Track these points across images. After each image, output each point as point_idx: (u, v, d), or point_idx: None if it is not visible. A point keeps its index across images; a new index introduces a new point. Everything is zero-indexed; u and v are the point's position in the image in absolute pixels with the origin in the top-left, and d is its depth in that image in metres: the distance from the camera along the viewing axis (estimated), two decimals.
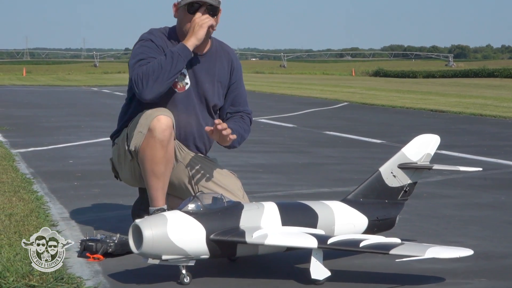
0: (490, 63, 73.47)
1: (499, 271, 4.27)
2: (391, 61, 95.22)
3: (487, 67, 56.11)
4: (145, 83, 4.58)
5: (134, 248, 3.86)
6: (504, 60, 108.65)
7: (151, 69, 4.59)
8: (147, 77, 4.58)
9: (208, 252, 3.94)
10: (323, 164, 8.89)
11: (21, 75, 52.87)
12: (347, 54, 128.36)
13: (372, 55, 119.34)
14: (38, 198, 6.19)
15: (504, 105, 20.34)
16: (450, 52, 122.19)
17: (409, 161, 4.58)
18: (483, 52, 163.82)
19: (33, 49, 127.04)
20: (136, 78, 4.60)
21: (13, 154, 9.24)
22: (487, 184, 7.41)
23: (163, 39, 4.84)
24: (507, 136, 12.59)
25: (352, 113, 18.31)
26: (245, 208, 4.11)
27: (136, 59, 4.72)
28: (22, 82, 41.43)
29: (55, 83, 40.07)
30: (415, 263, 4.12)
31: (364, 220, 4.46)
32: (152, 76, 4.58)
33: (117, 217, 5.65)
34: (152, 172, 4.61)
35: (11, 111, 18.17)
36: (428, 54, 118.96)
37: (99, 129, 12.98)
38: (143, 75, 4.58)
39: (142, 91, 4.60)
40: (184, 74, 4.84)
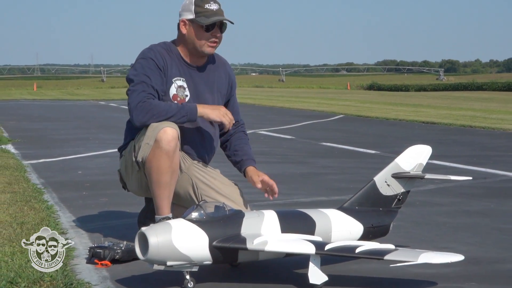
0: (479, 77, 73.49)
1: (488, 276, 4.26)
2: (384, 75, 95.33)
3: (476, 80, 56.14)
4: (146, 117, 4.61)
5: (140, 255, 3.86)
6: (493, 74, 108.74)
7: (157, 109, 4.61)
8: (150, 114, 4.60)
9: (211, 258, 3.93)
10: (320, 174, 8.89)
11: (32, 90, 52.93)
12: (343, 69, 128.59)
13: (367, 69, 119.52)
14: (49, 207, 6.18)
15: (493, 116, 20.33)
16: (441, 67, 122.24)
17: (402, 170, 4.58)
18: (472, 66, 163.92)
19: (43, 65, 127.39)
20: (138, 108, 4.62)
21: (25, 165, 9.24)
22: (477, 192, 7.40)
23: (163, 56, 4.83)
24: (495, 146, 12.58)
25: (348, 125, 18.31)
26: (246, 216, 4.11)
27: (138, 79, 4.72)
28: (33, 96, 41.47)
29: (64, 98, 40.09)
30: (409, 268, 4.12)
31: (359, 227, 4.46)
32: (154, 115, 4.60)
33: (124, 225, 5.65)
34: (158, 182, 4.61)
35: (23, 124, 18.18)
36: (420, 68, 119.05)
37: (107, 141, 12.98)
38: (147, 110, 4.61)
39: (138, 120, 4.64)
40: (183, 87, 4.87)
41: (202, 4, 4.80)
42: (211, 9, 4.79)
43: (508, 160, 10.33)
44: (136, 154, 4.68)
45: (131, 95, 4.70)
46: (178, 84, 4.85)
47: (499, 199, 7.01)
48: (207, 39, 4.81)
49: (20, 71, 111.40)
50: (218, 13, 4.81)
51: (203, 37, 4.80)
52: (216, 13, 4.80)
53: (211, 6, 4.80)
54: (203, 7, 4.79)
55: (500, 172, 9.01)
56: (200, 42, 4.82)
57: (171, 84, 4.84)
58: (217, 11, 4.81)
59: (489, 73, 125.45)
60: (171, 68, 4.84)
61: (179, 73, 4.87)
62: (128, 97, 4.74)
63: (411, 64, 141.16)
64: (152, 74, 4.74)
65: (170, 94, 4.83)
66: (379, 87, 56.92)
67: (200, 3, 4.80)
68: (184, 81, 4.86)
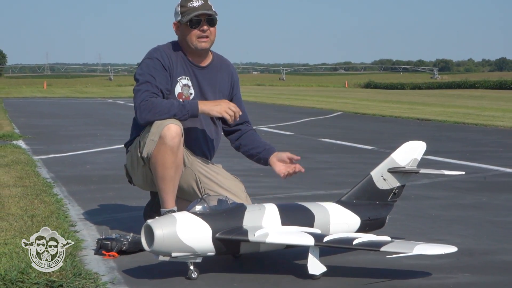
0: (471, 76, 73.52)
1: (481, 267, 4.26)
2: (381, 74, 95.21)
3: (469, 79, 56.17)
4: (149, 115, 4.59)
5: (146, 246, 3.86)
6: (485, 72, 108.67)
7: (159, 107, 4.59)
8: (153, 112, 4.58)
9: (214, 249, 3.93)
10: (319, 169, 8.88)
11: (42, 88, 52.91)
12: (341, 68, 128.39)
13: (364, 68, 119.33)
14: (58, 200, 6.18)
15: (485, 114, 20.31)
16: (435, 66, 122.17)
17: (397, 165, 4.58)
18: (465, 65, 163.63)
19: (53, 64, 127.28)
20: (142, 106, 4.61)
21: (35, 160, 9.24)
22: (469, 186, 7.40)
23: (169, 56, 4.83)
24: (487, 142, 12.57)
25: (346, 122, 18.29)
26: (248, 209, 4.11)
27: (143, 79, 4.71)
28: (43, 94, 41.46)
29: (73, 95, 40.09)
30: (404, 259, 4.11)
31: (356, 220, 4.45)
32: (156, 113, 4.57)
33: (130, 217, 5.64)
34: (163, 176, 4.61)
35: (33, 121, 18.18)
36: (415, 67, 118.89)
37: (114, 137, 12.98)
38: (150, 108, 4.59)
39: (142, 118, 4.63)
40: (188, 85, 4.86)
41: (186, 4, 4.80)
42: (193, 6, 4.78)
43: (499, 156, 10.32)
44: (141, 150, 4.68)
45: (135, 94, 4.70)
46: (183, 82, 4.85)
47: (491, 193, 7.00)
48: (196, 35, 4.79)
49: (31, 70, 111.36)
50: (200, 8, 4.77)
51: (192, 34, 4.79)
52: (197, 8, 4.77)
53: (193, 4, 4.78)
54: (186, 6, 4.79)
55: (492, 167, 9.00)
56: (190, 39, 4.80)
57: (177, 83, 4.83)
58: (199, 7, 4.78)
59: (481, 71, 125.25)
60: (176, 67, 4.83)
61: (183, 72, 4.86)
62: (133, 95, 4.74)
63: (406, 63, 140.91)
64: (157, 74, 4.74)
65: (176, 92, 4.83)
66: (376, 86, 56.91)
67: (184, 3, 4.81)
68: (188, 79, 4.86)
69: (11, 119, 18.19)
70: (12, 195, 6.28)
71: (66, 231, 4.88)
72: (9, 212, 5.56)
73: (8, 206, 5.81)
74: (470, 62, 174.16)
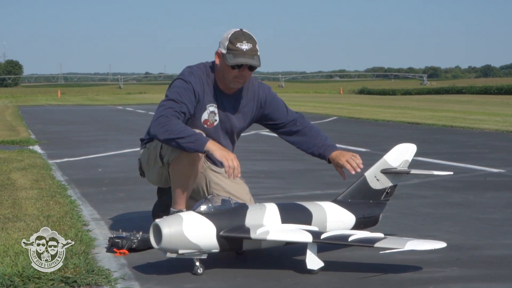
0: (458, 82, 73.47)
1: (468, 261, 4.26)
2: (373, 81, 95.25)
3: (456, 85, 56.20)
4: (160, 131, 4.38)
5: (155, 244, 3.87)
6: (471, 79, 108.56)
7: (171, 127, 4.36)
8: (164, 129, 4.37)
9: (218, 246, 3.93)
10: (316, 170, 8.87)
11: (56, 96, 52.98)
12: (336, 75, 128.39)
13: (358, 76, 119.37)
14: (72, 201, 6.19)
15: (471, 117, 20.31)
16: (424, 73, 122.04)
17: (390, 166, 4.58)
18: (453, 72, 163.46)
19: (66, 74, 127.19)
20: (158, 120, 4.42)
21: (50, 164, 9.24)
22: (457, 186, 7.39)
23: (202, 82, 4.65)
24: (474, 144, 12.56)
25: (341, 126, 18.30)
26: (250, 208, 4.11)
27: (172, 96, 4.53)
28: (57, 102, 41.49)
29: (85, 103, 40.11)
30: (397, 254, 4.11)
31: (352, 218, 4.46)
32: (167, 131, 4.36)
33: (139, 217, 5.64)
34: (180, 183, 4.58)
35: (48, 127, 18.19)
36: (406, 74, 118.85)
37: (124, 142, 12.97)
38: (163, 124, 4.38)
39: (153, 131, 4.44)
40: (214, 112, 4.71)
41: (235, 42, 4.50)
42: (241, 48, 4.48)
43: (485, 157, 10.31)
44: (163, 153, 4.64)
45: (159, 107, 4.53)
46: (210, 110, 4.69)
47: (478, 192, 7.00)
48: (234, 75, 4.58)
49: (46, 80, 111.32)
50: (247, 54, 4.49)
51: (231, 73, 4.57)
52: (244, 53, 4.48)
53: (242, 46, 4.49)
54: (235, 45, 4.49)
55: (478, 167, 9.00)
56: (228, 76, 4.59)
57: (205, 110, 4.68)
58: (247, 51, 4.49)
59: (467, 78, 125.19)
60: (206, 95, 4.66)
61: (212, 99, 4.69)
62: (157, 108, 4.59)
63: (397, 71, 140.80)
64: (186, 96, 4.55)
65: (202, 118, 4.67)
66: (369, 92, 56.92)
67: (234, 41, 4.50)
68: (215, 106, 4.70)
69: (27, 126, 18.20)
70: (29, 197, 6.29)
71: (80, 230, 4.88)
72: (26, 213, 5.56)
73: (25, 207, 5.81)
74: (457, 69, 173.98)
